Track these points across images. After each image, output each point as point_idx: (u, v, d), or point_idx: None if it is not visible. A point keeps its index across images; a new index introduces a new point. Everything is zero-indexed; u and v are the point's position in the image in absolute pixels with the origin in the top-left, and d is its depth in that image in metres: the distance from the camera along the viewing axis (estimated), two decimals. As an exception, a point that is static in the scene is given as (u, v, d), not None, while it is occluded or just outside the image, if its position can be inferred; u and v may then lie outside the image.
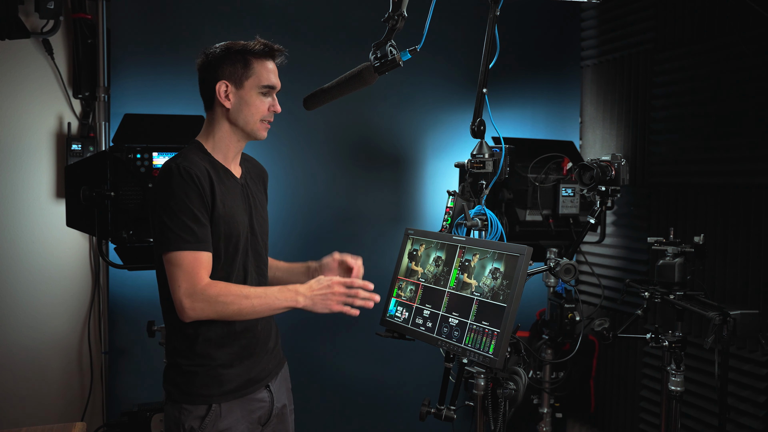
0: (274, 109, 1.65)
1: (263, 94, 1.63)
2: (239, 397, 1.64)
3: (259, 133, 1.66)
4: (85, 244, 2.95)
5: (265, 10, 2.96)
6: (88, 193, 2.28)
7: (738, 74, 2.56)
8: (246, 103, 1.61)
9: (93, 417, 2.96)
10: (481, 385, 1.91)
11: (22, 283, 2.86)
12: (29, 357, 2.87)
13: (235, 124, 1.64)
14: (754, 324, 2.04)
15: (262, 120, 1.64)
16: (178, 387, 1.61)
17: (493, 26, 1.93)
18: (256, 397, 1.69)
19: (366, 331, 2.08)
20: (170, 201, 1.51)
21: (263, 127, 1.66)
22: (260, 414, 1.70)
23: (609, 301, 3.13)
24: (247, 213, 1.68)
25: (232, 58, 1.61)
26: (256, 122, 1.64)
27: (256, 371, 1.68)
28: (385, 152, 3.19)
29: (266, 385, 1.72)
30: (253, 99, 1.62)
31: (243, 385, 1.65)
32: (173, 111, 2.71)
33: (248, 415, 1.67)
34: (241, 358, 1.65)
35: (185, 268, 1.50)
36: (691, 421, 2.68)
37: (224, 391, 1.61)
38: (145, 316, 2.55)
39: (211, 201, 1.56)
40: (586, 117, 3.45)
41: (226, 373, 1.62)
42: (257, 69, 1.62)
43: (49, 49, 2.85)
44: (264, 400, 1.71)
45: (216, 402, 1.60)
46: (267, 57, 1.64)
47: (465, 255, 1.74)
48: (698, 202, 2.71)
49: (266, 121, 1.65)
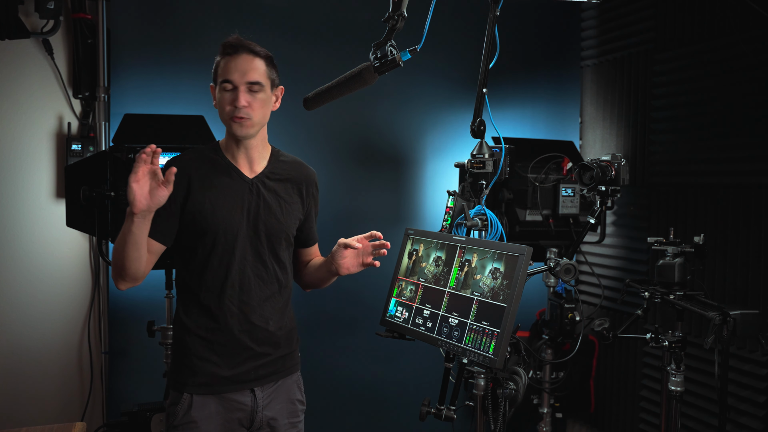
0: (235, 103, 1.59)
1: (225, 89, 1.61)
2: (213, 393, 1.65)
3: (233, 129, 1.63)
4: (85, 244, 2.95)
5: (265, 10, 2.96)
6: (88, 193, 2.28)
7: (738, 74, 2.56)
8: (217, 101, 1.65)
9: (93, 417, 2.96)
10: (481, 385, 1.91)
11: (22, 283, 2.86)
12: (29, 357, 2.87)
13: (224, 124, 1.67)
14: (754, 324, 2.04)
15: (231, 116, 1.61)
16: (169, 372, 1.76)
17: (493, 26, 1.94)
18: (235, 398, 1.67)
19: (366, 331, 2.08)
20: None
21: (236, 122, 1.61)
22: (240, 416, 1.68)
23: (609, 301, 3.13)
24: (247, 212, 1.67)
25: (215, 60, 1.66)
26: (226, 119, 1.63)
27: (236, 372, 1.66)
28: (385, 152, 3.19)
29: (251, 389, 1.69)
30: (219, 96, 1.63)
31: (218, 381, 1.65)
32: (173, 111, 2.71)
33: (225, 413, 1.66)
34: (218, 354, 1.65)
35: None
36: (691, 421, 2.68)
37: (196, 383, 1.65)
38: (145, 316, 2.55)
39: (184, 196, 1.63)
40: (586, 117, 3.45)
41: (200, 365, 1.65)
42: (221, 65, 1.63)
43: (49, 49, 2.85)
44: (245, 404, 1.68)
45: (188, 392, 1.65)
46: (226, 53, 1.62)
47: (465, 255, 1.74)
48: (698, 202, 2.71)
49: (236, 116, 1.60)
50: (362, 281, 3.05)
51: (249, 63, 1.61)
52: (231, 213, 1.65)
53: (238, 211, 1.66)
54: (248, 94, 1.61)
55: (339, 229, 3.09)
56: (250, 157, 1.70)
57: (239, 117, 1.60)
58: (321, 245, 3.15)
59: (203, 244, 1.65)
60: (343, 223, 3.11)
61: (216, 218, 1.63)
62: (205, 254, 1.65)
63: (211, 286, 1.66)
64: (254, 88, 1.61)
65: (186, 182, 1.64)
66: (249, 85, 1.60)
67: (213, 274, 1.65)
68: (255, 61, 1.62)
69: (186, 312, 1.69)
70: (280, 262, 1.73)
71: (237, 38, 1.63)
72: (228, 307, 1.65)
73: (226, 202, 1.65)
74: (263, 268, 1.70)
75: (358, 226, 3.15)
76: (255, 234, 1.68)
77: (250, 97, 1.61)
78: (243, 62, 1.60)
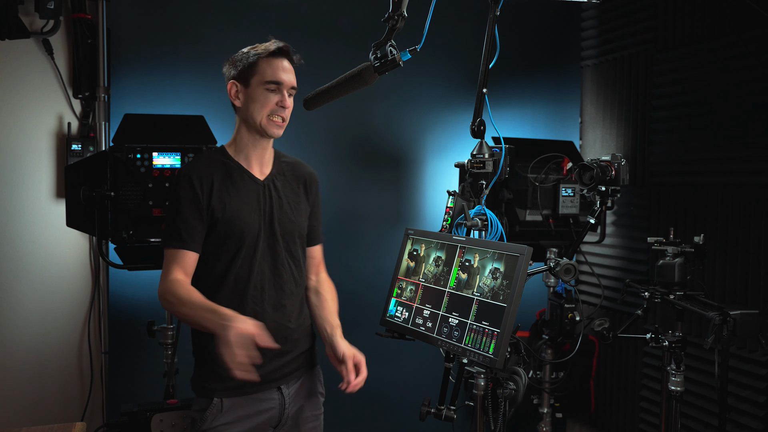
0: (281, 104, 1.68)
1: (268, 90, 1.67)
2: (243, 394, 1.66)
3: (269, 129, 1.69)
4: (85, 244, 2.95)
5: (265, 10, 2.96)
6: (88, 193, 2.28)
7: (738, 74, 2.56)
8: (252, 99, 1.67)
9: (93, 417, 2.96)
10: (481, 385, 1.91)
11: (22, 283, 2.86)
12: (29, 357, 2.87)
13: (247, 123, 1.70)
14: (754, 324, 2.04)
15: (270, 115, 1.67)
16: (194, 379, 1.72)
17: (493, 26, 1.93)
18: (264, 397, 1.69)
19: (366, 331, 2.08)
20: (170, 203, 1.68)
21: (273, 123, 1.69)
22: (269, 416, 1.71)
23: (609, 301, 3.13)
24: (263, 213, 1.70)
25: (242, 60, 1.69)
26: (263, 117, 1.67)
27: (263, 371, 1.66)
28: (385, 152, 3.19)
29: (278, 387, 1.72)
30: (258, 95, 1.67)
31: (245, 383, 1.63)
32: (173, 111, 2.71)
33: (255, 415, 1.68)
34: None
35: (166, 263, 1.65)
36: (691, 421, 2.68)
37: (227, 387, 1.64)
38: (145, 316, 2.55)
39: (208, 203, 1.65)
40: (586, 117, 3.45)
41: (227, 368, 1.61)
42: (262, 66, 1.67)
43: (49, 49, 2.85)
44: (273, 403, 1.71)
45: (218, 396, 1.65)
46: (272, 55, 1.68)
47: (465, 255, 1.74)
48: (698, 202, 2.71)
49: (276, 116, 1.68)
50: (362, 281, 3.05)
51: (291, 68, 1.72)
52: (251, 216, 1.69)
53: (256, 213, 1.70)
54: (288, 98, 1.71)
55: (339, 229, 3.10)
56: (263, 159, 1.75)
57: (280, 117, 1.69)
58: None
59: (227, 249, 1.67)
60: (343, 223, 3.11)
61: (239, 222, 1.67)
62: (229, 258, 1.67)
63: (235, 289, 1.67)
64: (292, 92, 1.73)
65: (209, 189, 1.66)
66: (291, 89, 1.71)
67: (236, 277, 1.67)
68: (291, 66, 1.73)
69: None
70: (295, 260, 1.77)
71: (286, 44, 1.71)
72: (252, 308, 1.67)
73: (245, 205, 1.69)
74: (281, 267, 1.73)
75: (358, 226, 3.17)
76: (272, 234, 1.71)
77: (289, 101, 1.71)
78: (288, 67, 1.71)
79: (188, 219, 1.63)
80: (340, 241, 3.08)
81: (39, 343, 2.89)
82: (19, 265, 2.85)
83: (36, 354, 2.88)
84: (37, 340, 2.88)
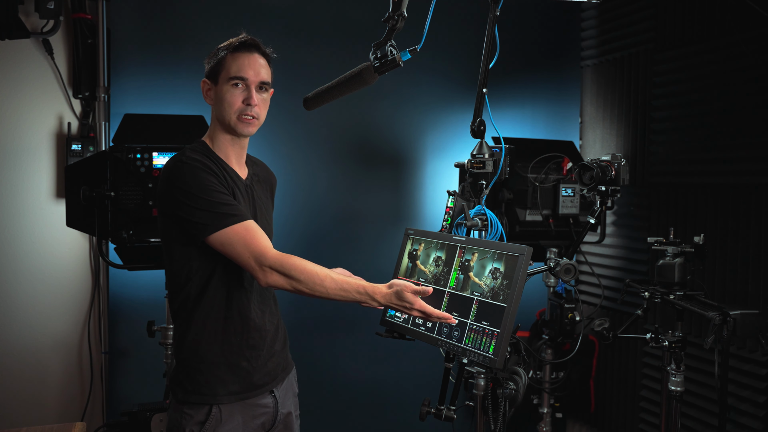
0: (248, 101, 1.58)
1: (235, 86, 1.59)
2: (241, 400, 1.62)
3: (239, 128, 1.60)
4: (85, 244, 2.95)
5: (265, 10, 2.96)
6: (88, 193, 2.28)
7: (738, 74, 2.56)
8: (220, 98, 1.60)
9: (93, 417, 2.96)
10: (481, 385, 1.91)
11: (22, 283, 2.86)
12: (29, 357, 2.87)
13: (221, 122, 1.63)
14: (754, 324, 2.04)
15: (239, 114, 1.59)
16: (182, 385, 1.60)
17: (493, 26, 1.93)
18: (259, 402, 1.66)
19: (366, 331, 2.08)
20: (192, 189, 1.51)
21: (243, 122, 1.59)
22: (263, 420, 1.68)
23: (609, 301, 3.13)
24: (252, 215, 1.65)
25: (211, 56, 1.63)
26: (232, 116, 1.59)
27: (259, 375, 1.65)
28: (385, 152, 3.19)
29: (270, 391, 1.69)
30: (225, 92, 1.59)
31: (246, 387, 1.62)
32: (173, 111, 2.71)
33: (251, 420, 1.65)
34: (246, 359, 1.62)
35: (243, 241, 1.50)
36: (691, 421, 2.68)
37: (226, 392, 1.59)
38: (145, 316, 2.55)
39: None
40: (586, 117, 3.45)
41: (229, 373, 1.60)
42: (228, 62, 1.60)
43: (49, 49, 2.85)
44: (268, 406, 1.68)
45: (216, 404, 1.58)
46: (237, 50, 1.60)
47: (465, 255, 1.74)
48: (698, 202, 2.71)
49: (245, 114, 1.59)
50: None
51: (260, 62, 1.62)
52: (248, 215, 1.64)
53: (250, 212, 1.65)
54: (258, 93, 1.61)
55: (339, 229, 3.11)
56: (241, 158, 1.69)
57: (250, 115, 1.60)
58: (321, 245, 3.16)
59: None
60: (343, 223, 3.11)
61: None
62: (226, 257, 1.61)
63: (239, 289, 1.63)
64: (264, 88, 1.63)
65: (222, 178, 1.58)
66: (260, 84, 1.61)
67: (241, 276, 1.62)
68: (264, 61, 1.63)
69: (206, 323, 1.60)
70: None
71: (251, 37, 1.62)
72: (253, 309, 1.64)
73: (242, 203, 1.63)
74: None
75: (358, 226, 3.17)
76: None
77: (260, 97, 1.62)
78: (256, 61, 1.61)
79: (227, 194, 1.54)
80: (340, 240, 3.08)
81: (39, 343, 2.89)
82: (19, 265, 2.85)
83: (36, 354, 2.88)
84: (38, 340, 2.88)
